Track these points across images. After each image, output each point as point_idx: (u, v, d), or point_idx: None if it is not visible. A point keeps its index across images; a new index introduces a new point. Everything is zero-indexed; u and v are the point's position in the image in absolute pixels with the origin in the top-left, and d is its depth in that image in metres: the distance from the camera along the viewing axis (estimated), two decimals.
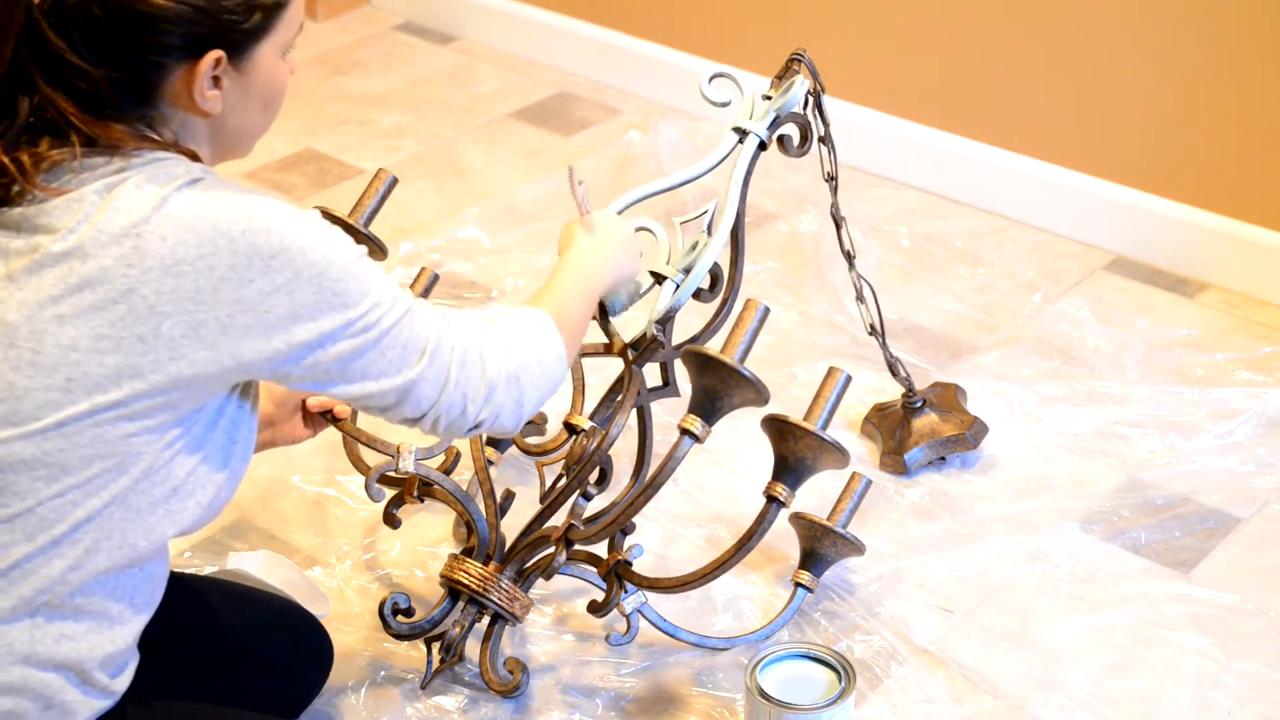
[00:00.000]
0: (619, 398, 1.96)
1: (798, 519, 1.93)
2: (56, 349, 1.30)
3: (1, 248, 1.32)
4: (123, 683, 1.43)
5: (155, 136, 1.37)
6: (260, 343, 1.34)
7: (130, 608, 1.41)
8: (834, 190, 2.09)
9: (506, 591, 1.84)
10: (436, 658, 1.87)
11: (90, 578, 1.36)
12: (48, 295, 1.30)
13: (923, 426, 2.22)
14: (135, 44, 1.32)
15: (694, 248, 1.94)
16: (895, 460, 2.22)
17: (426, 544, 2.10)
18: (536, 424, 2.07)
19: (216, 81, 1.37)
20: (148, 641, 1.47)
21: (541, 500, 1.93)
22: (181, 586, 1.67)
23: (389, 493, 1.98)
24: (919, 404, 2.23)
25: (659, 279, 1.96)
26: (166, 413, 1.34)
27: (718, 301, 1.98)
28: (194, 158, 1.38)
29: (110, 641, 1.39)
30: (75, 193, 1.31)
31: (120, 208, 1.30)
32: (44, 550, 1.33)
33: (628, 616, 1.86)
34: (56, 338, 1.30)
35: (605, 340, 1.98)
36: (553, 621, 1.98)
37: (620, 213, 1.99)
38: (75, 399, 1.31)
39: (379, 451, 1.93)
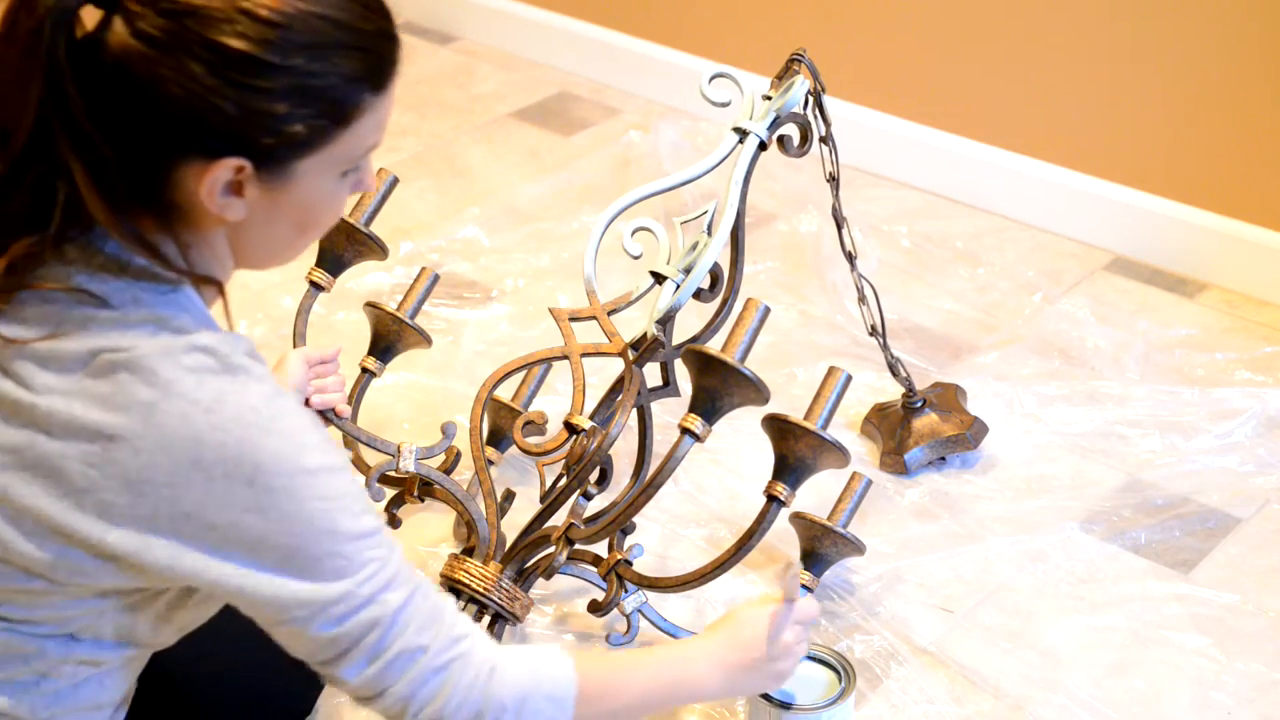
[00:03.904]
0: (619, 398, 1.96)
1: (798, 519, 1.93)
2: None
3: None
4: None
5: (164, 248, 1.23)
6: (201, 560, 1.22)
7: None
8: (835, 191, 2.09)
9: (507, 591, 1.84)
10: None
11: None
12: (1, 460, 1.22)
13: (923, 426, 2.22)
14: (138, 121, 1.18)
15: (694, 248, 1.94)
16: (895, 460, 2.22)
17: (426, 544, 2.10)
18: (536, 424, 2.07)
19: (238, 188, 1.22)
20: None
21: (541, 500, 1.93)
22: None
23: (389, 492, 1.99)
24: (919, 404, 2.23)
25: (659, 279, 1.97)
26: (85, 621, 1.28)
27: (718, 301, 1.98)
28: (209, 282, 1.26)
29: None
30: (58, 342, 1.21)
31: (100, 396, 1.19)
32: None
33: (628, 616, 1.86)
34: None
35: (606, 340, 1.98)
36: (553, 621, 1.98)
37: (620, 213, 2.00)
38: None
39: (379, 451, 1.93)
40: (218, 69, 1.16)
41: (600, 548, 1.95)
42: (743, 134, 1.94)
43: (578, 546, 1.87)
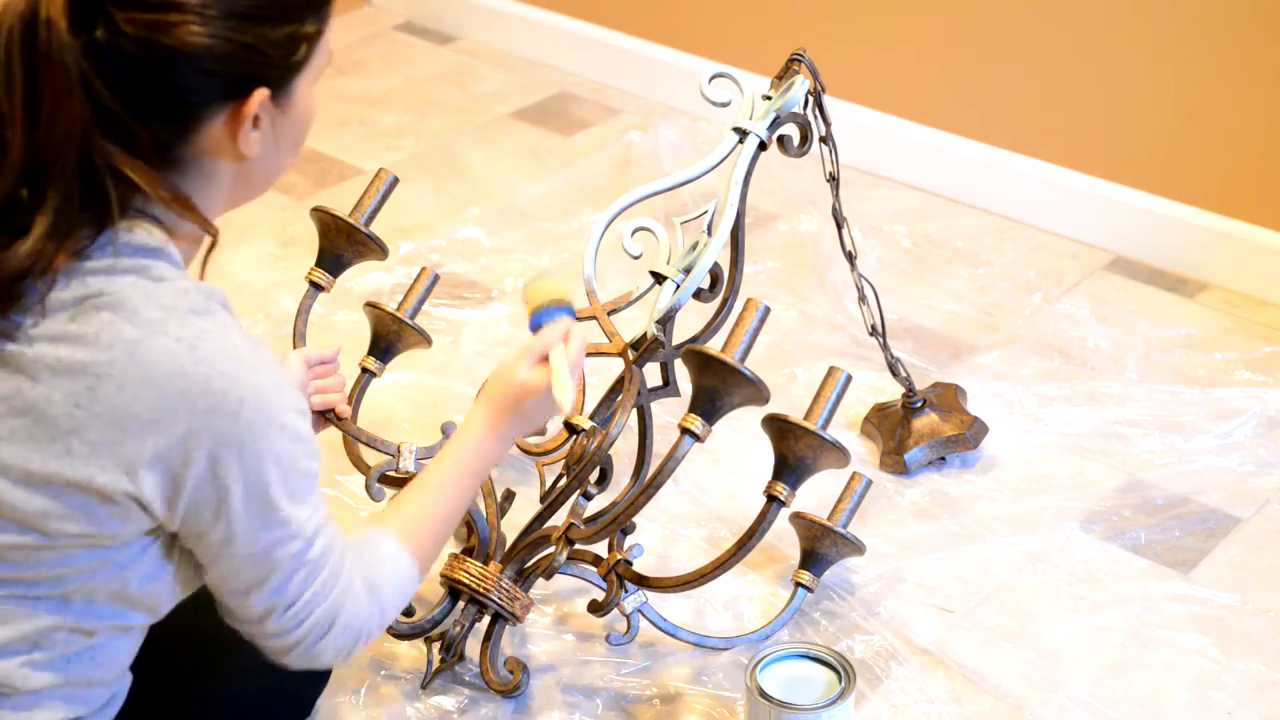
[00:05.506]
0: (619, 398, 1.96)
1: (798, 519, 1.93)
2: None
3: None
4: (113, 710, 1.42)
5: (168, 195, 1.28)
6: (180, 492, 1.27)
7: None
8: (835, 191, 2.09)
9: (507, 591, 1.84)
10: (436, 657, 1.87)
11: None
12: None
13: (923, 426, 2.22)
14: (173, 87, 1.24)
15: (694, 248, 1.94)
16: (895, 460, 2.22)
17: None
18: None
19: (256, 121, 1.29)
20: (147, 648, 1.47)
21: (541, 500, 1.93)
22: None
23: (389, 492, 1.98)
24: (919, 404, 2.23)
25: (659, 279, 1.97)
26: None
27: (718, 301, 1.98)
28: (202, 222, 1.30)
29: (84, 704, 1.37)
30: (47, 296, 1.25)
31: (84, 336, 1.23)
32: None
33: (628, 616, 1.86)
34: None
35: (606, 340, 1.98)
36: (553, 621, 1.98)
37: (620, 213, 2.00)
38: None
39: (379, 451, 1.93)
40: (228, 10, 1.23)
41: (600, 548, 1.95)
42: (743, 134, 1.94)
43: (578, 546, 1.87)
